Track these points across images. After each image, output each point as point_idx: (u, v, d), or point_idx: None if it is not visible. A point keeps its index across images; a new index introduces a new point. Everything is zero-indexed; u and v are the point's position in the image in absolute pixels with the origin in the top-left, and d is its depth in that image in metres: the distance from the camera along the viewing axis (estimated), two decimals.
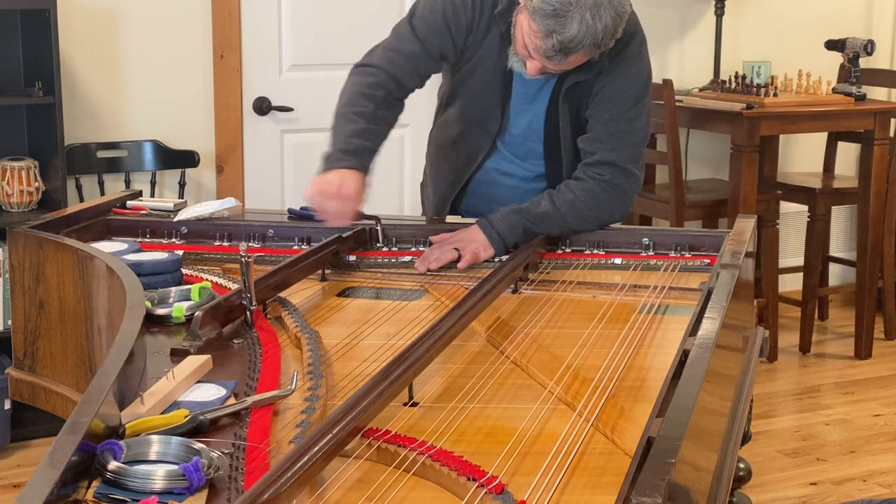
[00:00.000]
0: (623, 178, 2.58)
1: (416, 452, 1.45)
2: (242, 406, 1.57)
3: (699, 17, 5.03)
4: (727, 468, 1.76)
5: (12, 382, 2.38)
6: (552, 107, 2.62)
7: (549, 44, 2.36)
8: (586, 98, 2.59)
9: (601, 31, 2.35)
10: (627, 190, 2.60)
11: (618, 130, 2.58)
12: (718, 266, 2.13)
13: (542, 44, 2.38)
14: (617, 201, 2.60)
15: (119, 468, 1.32)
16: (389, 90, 2.58)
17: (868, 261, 4.78)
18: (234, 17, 4.19)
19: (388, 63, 2.58)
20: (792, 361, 4.80)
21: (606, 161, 2.57)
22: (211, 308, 1.93)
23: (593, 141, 2.59)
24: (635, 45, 2.59)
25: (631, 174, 2.60)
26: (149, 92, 4.12)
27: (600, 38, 2.36)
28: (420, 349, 1.72)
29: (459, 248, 2.48)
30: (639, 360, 1.90)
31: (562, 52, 2.37)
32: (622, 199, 2.60)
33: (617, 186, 2.58)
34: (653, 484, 1.18)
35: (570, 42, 2.35)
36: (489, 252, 2.51)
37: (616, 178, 2.58)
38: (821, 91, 4.69)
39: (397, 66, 2.58)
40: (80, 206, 2.80)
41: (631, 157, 2.60)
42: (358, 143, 2.49)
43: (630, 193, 2.62)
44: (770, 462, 3.77)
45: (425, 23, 2.59)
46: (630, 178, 2.60)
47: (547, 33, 2.35)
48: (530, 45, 2.41)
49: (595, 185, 2.57)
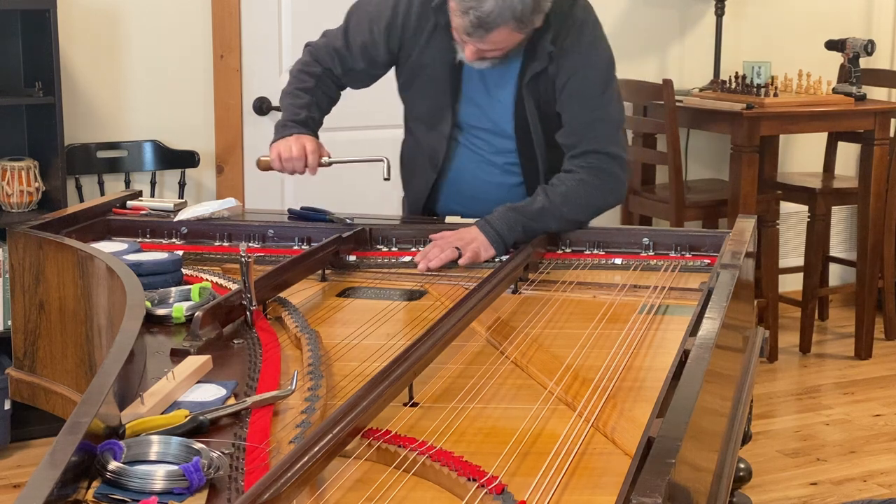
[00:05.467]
0: (610, 163, 2.61)
1: (416, 452, 1.45)
2: (242, 406, 1.57)
3: (699, 17, 5.03)
4: (727, 468, 1.76)
5: (12, 382, 2.38)
6: (518, 100, 2.63)
7: (468, 20, 2.41)
8: (551, 90, 2.61)
9: (519, 5, 2.38)
10: (617, 173, 2.63)
11: (593, 119, 2.60)
12: (718, 266, 2.13)
13: (461, 21, 2.43)
14: (609, 185, 2.62)
15: (119, 468, 1.32)
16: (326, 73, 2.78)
17: (868, 261, 4.78)
18: (234, 17, 4.19)
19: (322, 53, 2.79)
20: (792, 361, 4.80)
21: (590, 150, 2.60)
22: (211, 308, 1.93)
23: (572, 134, 2.61)
24: (589, 32, 2.61)
25: (617, 157, 2.62)
26: (149, 92, 4.12)
27: (519, 11, 2.39)
28: (420, 349, 1.72)
29: (460, 248, 2.49)
30: (639, 361, 1.90)
31: (481, 28, 2.41)
32: (614, 182, 2.63)
33: (606, 171, 2.60)
34: (653, 484, 1.18)
35: (487, 17, 2.38)
36: (490, 252, 2.51)
37: (604, 164, 2.60)
38: (821, 91, 4.69)
39: (327, 59, 2.77)
40: (80, 206, 2.81)
41: (613, 140, 2.63)
42: (305, 113, 2.73)
43: (620, 176, 2.64)
44: (770, 462, 3.77)
45: (355, 21, 2.75)
46: (617, 160, 2.62)
47: (465, 10, 2.40)
48: (455, 26, 2.46)
49: (585, 174, 2.59)
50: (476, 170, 2.75)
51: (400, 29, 2.67)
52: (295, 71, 2.81)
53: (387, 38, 2.69)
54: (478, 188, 2.74)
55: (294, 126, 2.70)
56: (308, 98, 2.75)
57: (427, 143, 2.77)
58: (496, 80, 2.64)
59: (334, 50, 2.77)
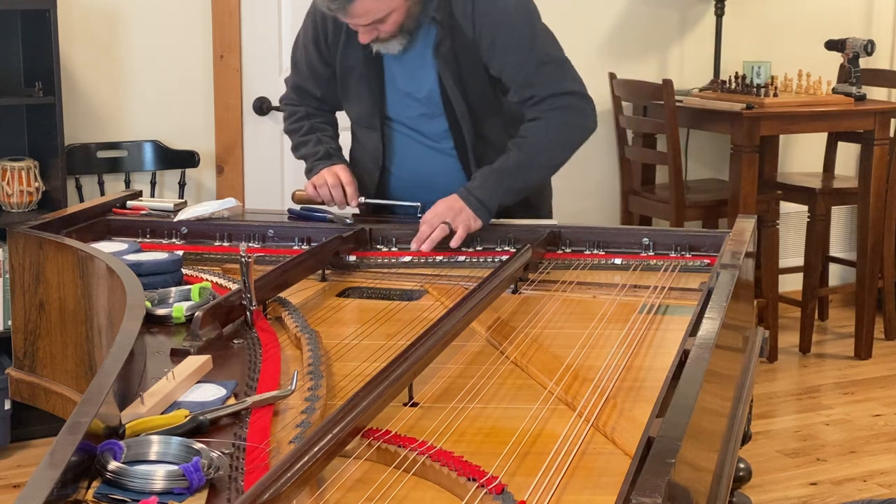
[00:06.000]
0: (571, 99, 2.62)
1: (416, 452, 1.45)
2: (242, 406, 1.57)
3: (699, 17, 5.03)
4: (727, 468, 1.76)
5: (12, 382, 2.38)
6: (440, 77, 2.63)
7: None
8: (474, 58, 2.60)
9: None
10: (581, 105, 2.64)
11: (537, 66, 2.60)
12: (718, 266, 2.13)
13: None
14: (578, 121, 2.64)
15: (119, 468, 1.32)
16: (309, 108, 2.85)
17: (868, 261, 4.78)
18: (234, 17, 4.19)
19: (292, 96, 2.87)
20: (792, 361, 4.80)
21: (547, 95, 2.60)
22: (211, 308, 1.93)
23: (522, 88, 2.61)
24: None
25: (575, 92, 2.63)
26: (149, 92, 4.13)
27: None
28: (420, 349, 1.71)
29: (450, 223, 2.51)
30: (639, 361, 1.90)
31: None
32: (581, 116, 2.64)
33: (570, 108, 2.62)
34: (653, 484, 1.18)
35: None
36: (478, 223, 2.55)
37: (565, 102, 2.61)
38: (821, 91, 4.69)
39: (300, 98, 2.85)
40: (80, 206, 2.81)
41: (564, 78, 2.63)
42: (323, 148, 2.79)
43: (585, 108, 2.65)
44: (770, 462, 3.77)
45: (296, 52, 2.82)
46: (577, 95, 2.63)
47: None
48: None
49: (551, 117, 2.60)
50: (419, 160, 2.76)
51: (323, 40, 2.72)
52: (287, 128, 2.89)
53: (318, 53, 2.75)
54: (426, 177, 2.73)
55: (320, 163, 2.76)
56: (315, 136, 2.82)
57: (368, 144, 2.79)
58: (415, 62, 2.65)
59: (297, 87, 2.84)
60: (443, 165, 2.73)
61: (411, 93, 2.69)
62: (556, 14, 4.69)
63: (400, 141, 2.77)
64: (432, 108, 2.68)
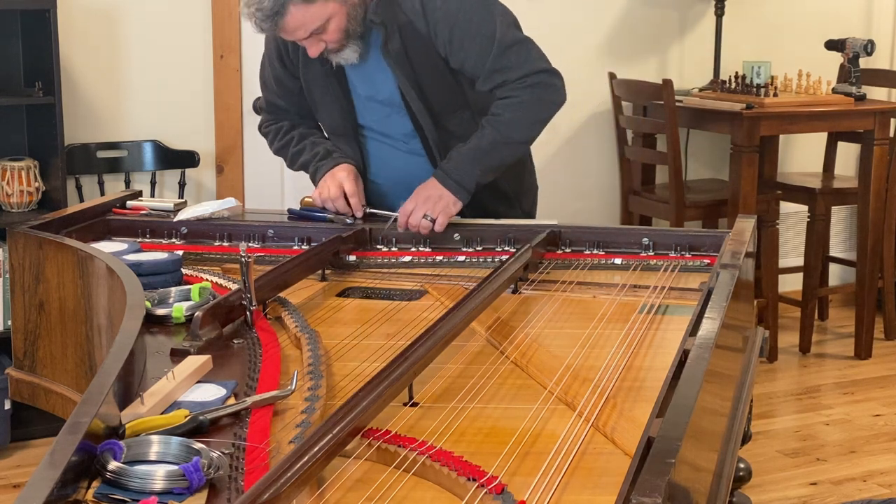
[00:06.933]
0: (542, 76, 2.63)
1: (416, 452, 1.45)
2: (242, 406, 1.57)
3: (699, 17, 5.03)
4: (727, 468, 1.76)
5: (12, 382, 2.38)
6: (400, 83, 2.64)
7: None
8: (430, 54, 2.60)
9: None
10: (552, 81, 2.65)
11: (501, 51, 2.60)
12: (718, 266, 2.13)
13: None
14: (549, 96, 2.64)
15: (119, 468, 1.32)
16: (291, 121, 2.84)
17: (868, 261, 4.78)
18: (234, 17, 4.19)
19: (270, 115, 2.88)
20: (792, 361, 4.80)
21: (517, 77, 2.61)
22: (211, 308, 1.93)
23: (491, 73, 2.61)
24: None
25: (544, 70, 2.64)
26: (149, 92, 4.12)
27: None
28: (420, 349, 1.71)
29: (430, 213, 2.53)
30: (639, 360, 1.90)
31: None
32: (552, 91, 2.65)
33: (541, 84, 2.62)
34: (653, 484, 1.18)
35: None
36: (458, 205, 2.57)
37: (535, 79, 2.62)
38: (821, 91, 4.69)
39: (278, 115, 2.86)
40: (80, 206, 2.81)
41: (531, 58, 2.64)
42: (321, 149, 2.75)
43: (556, 83, 2.66)
44: (770, 462, 3.77)
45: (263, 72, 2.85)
46: (546, 72, 2.64)
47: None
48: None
49: (522, 94, 2.60)
50: (394, 165, 2.77)
51: (286, 54, 2.74)
52: (276, 148, 2.88)
53: (284, 67, 2.77)
54: (405, 183, 2.71)
55: (322, 163, 2.72)
56: (307, 141, 2.79)
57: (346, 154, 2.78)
58: (373, 65, 2.64)
59: (272, 105, 2.86)
60: (416, 168, 2.72)
61: (373, 96, 2.70)
62: (557, 14, 4.71)
63: (374, 148, 2.78)
64: (395, 109, 2.69)
